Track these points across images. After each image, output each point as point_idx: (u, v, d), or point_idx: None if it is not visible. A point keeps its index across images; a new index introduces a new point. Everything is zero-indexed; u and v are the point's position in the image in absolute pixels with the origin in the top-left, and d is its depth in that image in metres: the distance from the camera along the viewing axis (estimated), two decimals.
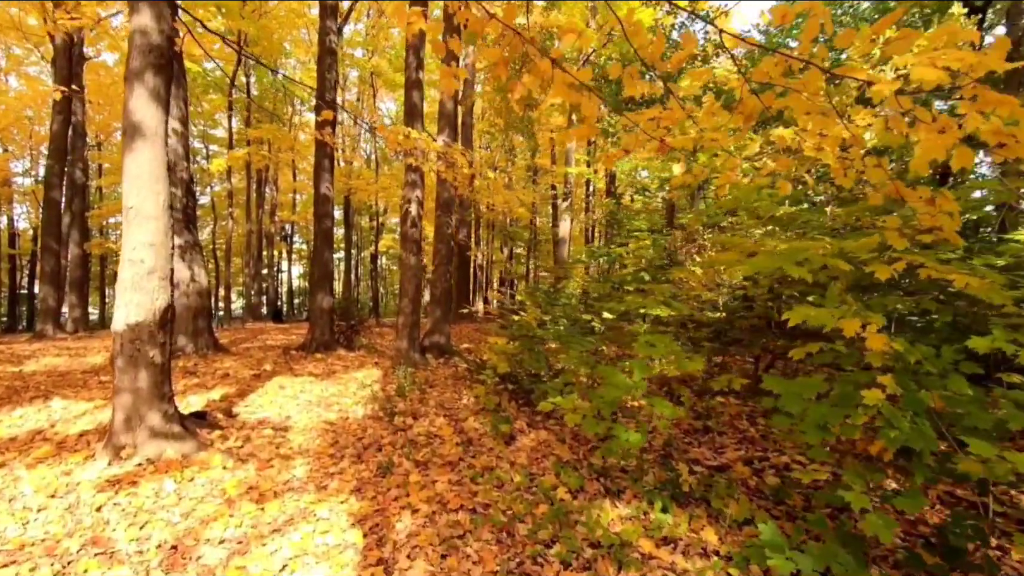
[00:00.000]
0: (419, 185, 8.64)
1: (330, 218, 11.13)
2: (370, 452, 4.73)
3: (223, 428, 5.24)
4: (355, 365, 9.27)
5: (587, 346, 5.72)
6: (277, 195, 31.22)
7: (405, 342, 8.57)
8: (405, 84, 8.96)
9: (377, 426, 5.48)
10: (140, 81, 4.34)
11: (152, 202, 4.35)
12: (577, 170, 20.48)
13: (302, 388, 7.20)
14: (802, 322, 3.03)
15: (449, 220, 10.15)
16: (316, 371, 8.57)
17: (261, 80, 26.86)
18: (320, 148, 10.90)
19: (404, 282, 8.72)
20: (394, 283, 44.68)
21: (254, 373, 8.15)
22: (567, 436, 5.04)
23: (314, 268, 11.15)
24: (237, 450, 4.69)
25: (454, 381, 7.62)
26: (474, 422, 5.42)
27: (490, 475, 4.06)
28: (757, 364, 6.83)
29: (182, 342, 10.16)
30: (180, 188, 10.09)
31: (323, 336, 10.87)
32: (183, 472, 4.06)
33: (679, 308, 5.37)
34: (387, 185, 21.26)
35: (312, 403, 6.45)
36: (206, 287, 10.47)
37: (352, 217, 26.27)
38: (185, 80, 10.42)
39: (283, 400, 6.55)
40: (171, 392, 4.56)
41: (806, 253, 3.24)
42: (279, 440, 5.03)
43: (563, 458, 4.45)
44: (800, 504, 3.66)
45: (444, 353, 9.85)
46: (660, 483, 3.77)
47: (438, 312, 10.04)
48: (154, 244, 4.35)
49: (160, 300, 4.36)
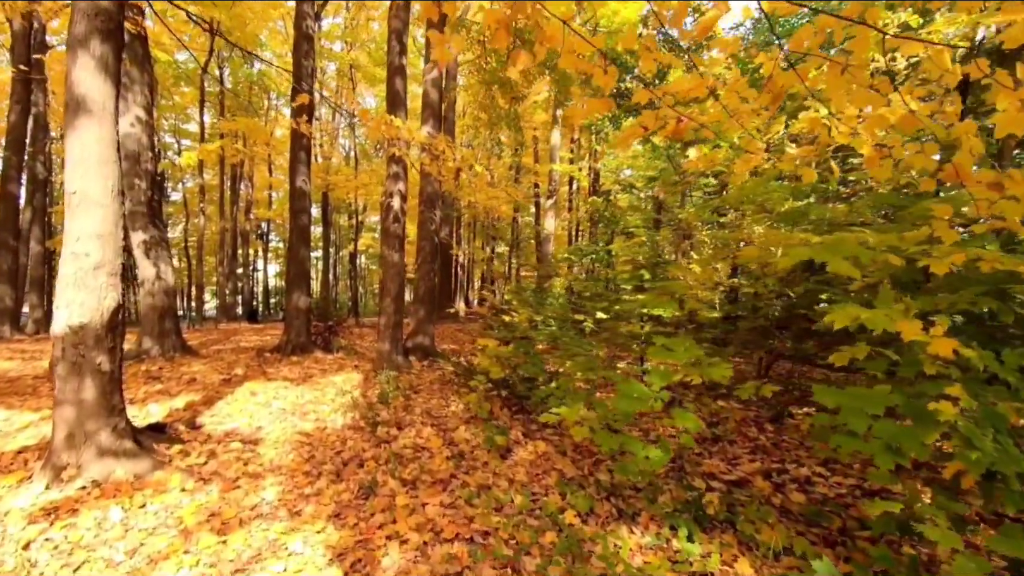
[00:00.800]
0: (402, 178, 8.14)
1: (307, 214, 10.55)
2: (351, 468, 4.24)
3: (185, 442, 4.69)
4: (333, 368, 8.73)
5: (586, 349, 5.30)
6: (252, 192, 30.31)
7: (387, 344, 8.06)
8: (387, 71, 8.45)
9: (358, 437, 4.99)
10: (85, 49, 3.79)
11: (99, 187, 3.80)
12: (562, 167, 20.11)
13: (276, 394, 6.66)
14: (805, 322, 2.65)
15: (433, 216, 9.65)
16: (291, 375, 8.02)
17: (236, 73, 25.98)
18: (296, 139, 10.31)
19: (386, 280, 8.22)
20: (373, 283, 43.85)
21: (223, 378, 7.56)
22: (568, 447, 4.61)
23: (290, 266, 10.56)
24: (199, 468, 4.16)
25: (440, 386, 7.14)
26: (465, 432, 4.95)
27: (487, 495, 3.61)
28: (760, 367, 6.49)
29: (147, 344, 9.52)
30: (145, 180, 9.45)
31: (299, 338, 10.29)
32: (134, 497, 3.53)
33: (687, 306, 4.96)
34: (367, 182, 20.58)
35: (286, 411, 5.92)
36: (173, 286, 9.83)
37: (330, 215, 25.53)
38: (150, 65, 9.76)
39: (254, 408, 6.00)
40: (122, 403, 4.01)
41: (849, 246, 2.85)
42: (248, 455, 4.51)
43: (567, 474, 4.02)
44: (838, 526, 3.27)
45: (428, 355, 9.35)
46: (679, 504, 3.36)
47: (422, 312, 9.53)
48: (101, 235, 3.80)
49: (109, 299, 3.82)
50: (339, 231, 34.77)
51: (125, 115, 9.31)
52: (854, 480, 4.20)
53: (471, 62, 14.58)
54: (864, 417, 2.23)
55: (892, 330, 2.34)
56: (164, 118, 29.41)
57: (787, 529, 3.10)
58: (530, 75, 12.83)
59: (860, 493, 3.97)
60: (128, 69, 9.23)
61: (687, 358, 3.22)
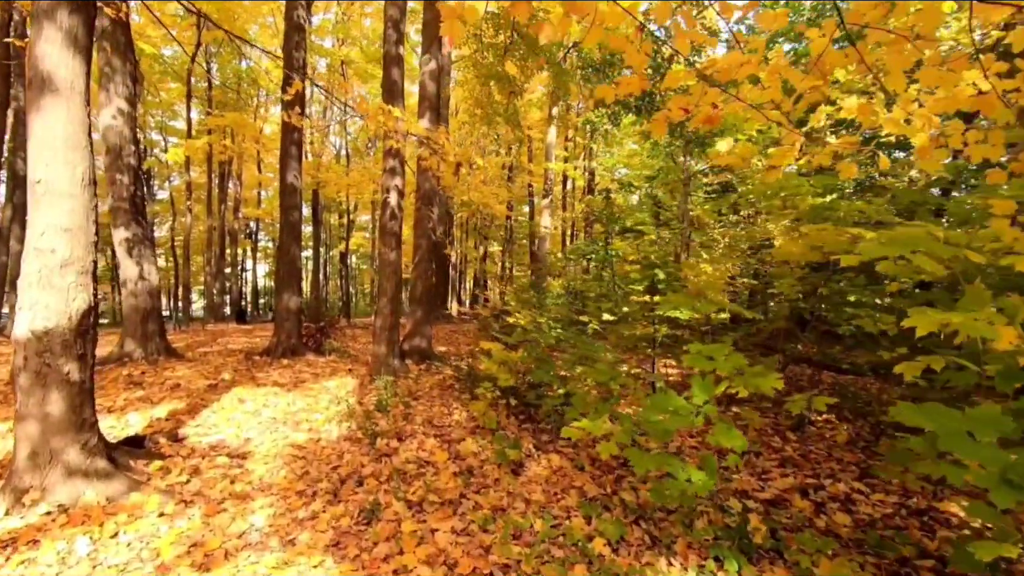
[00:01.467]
0: (399, 173, 7.74)
1: (298, 210, 10.12)
2: (349, 487, 3.85)
3: (166, 457, 4.28)
4: (326, 372, 8.32)
5: (598, 353, 4.94)
6: (241, 190, 29.77)
7: (383, 347, 7.66)
8: (384, 60, 8.06)
9: (356, 450, 4.60)
10: (51, 21, 3.38)
11: (67, 175, 3.39)
12: (559, 165, 19.79)
13: (265, 401, 6.24)
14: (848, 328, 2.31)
15: (431, 213, 9.27)
16: (282, 380, 7.60)
17: (224, 69, 25.43)
18: (287, 133, 9.89)
19: (382, 279, 7.82)
20: (365, 283, 43.29)
21: (210, 383, 7.13)
22: (585, 461, 4.25)
23: (280, 265, 10.14)
24: (181, 488, 3.76)
25: (440, 391, 6.76)
26: (472, 444, 4.58)
27: (503, 520, 3.24)
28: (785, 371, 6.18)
29: (129, 347, 9.07)
30: (127, 175, 9.00)
31: (290, 340, 9.86)
32: (105, 524, 3.13)
33: (705, 308, 4.61)
34: (358, 180, 20.08)
35: (277, 420, 5.52)
36: (157, 286, 9.37)
37: (321, 213, 25.01)
38: (133, 55, 9.30)
39: (242, 417, 5.59)
40: (93, 417, 3.60)
41: (926, 243, 2.51)
42: (235, 472, 4.11)
43: (588, 493, 3.66)
44: (897, 556, 2.93)
45: (425, 358, 8.96)
46: (719, 530, 3.01)
47: (419, 313, 9.14)
48: (70, 229, 3.39)
49: (78, 301, 3.41)
50: (330, 230, 34.24)
51: (107, 107, 8.86)
52: (896, 498, 3.88)
53: (467, 57, 14.22)
54: (966, 442, 1.88)
55: (990, 337, 2.00)
56: (151, 114, 28.82)
57: (845, 560, 2.76)
58: (528, 70, 12.48)
59: (906, 513, 3.65)
60: (110, 58, 8.79)
61: (730, 367, 2.87)
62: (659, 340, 5.48)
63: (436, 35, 8.94)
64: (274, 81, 22.33)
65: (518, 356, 4.89)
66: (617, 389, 4.21)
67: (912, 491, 3.95)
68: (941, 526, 3.42)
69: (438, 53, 8.95)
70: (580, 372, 5.17)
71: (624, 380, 4.14)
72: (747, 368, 2.87)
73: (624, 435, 3.23)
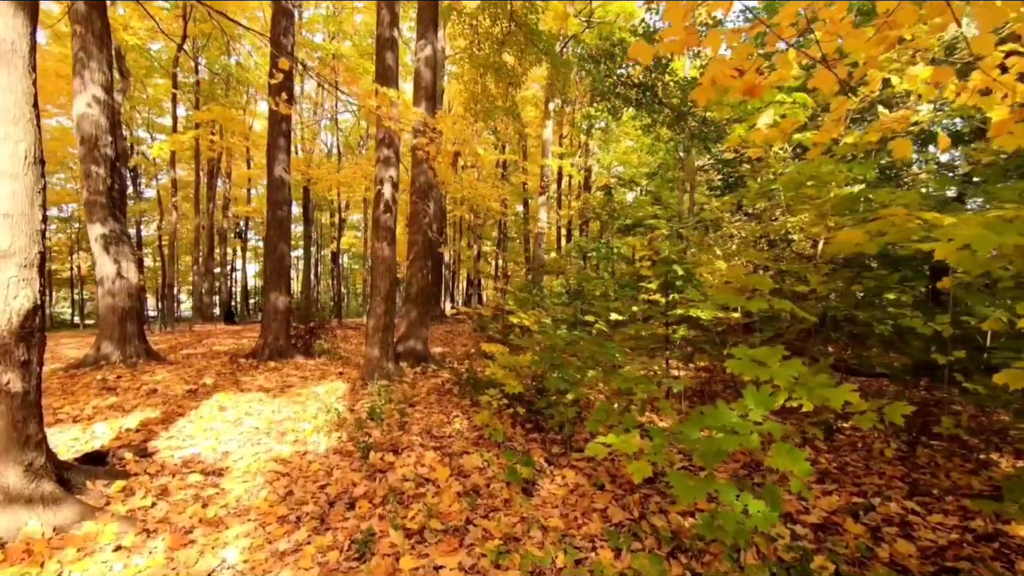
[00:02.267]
0: (394, 163, 7.26)
1: (286, 206, 9.61)
2: (339, 511, 3.38)
3: (131, 475, 3.79)
4: (315, 376, 7.83)
5: (612, 354, 4.48)
6: (230, 188, 29.17)
7: (376, 349, 7.17)
8: (376, 44, 7.56)
9: (346, 465, 4.12)
10: None
11: (6, 153, 2.90)
12: (556, 162, 19.35)
13: (248, 409, 5.75)
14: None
15: (427, 208, 8.79)
16: (268, 384, 7.10)
17: (212, 64, 24.83)
18: (274, 123, 9.38)
19: (375, 277, 7.32)
20: (356, 283, 42.66)
21: (189, 389, 6.62)
22: (604, 477, 3.79)
23: (267, 263, 9.61)
24: (145, 513, 3.27)
25: (438, 397, 6.28)
26: (476, 458, 4.11)
27: (518, 551, 2.78)
28: None
29: (106, 349, 8.55)
30: (104, 167, 8.47)
31: (277, 341, 9.35)
32: (46, 563, 2.64)
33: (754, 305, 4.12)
34: (350, 178, 19.50)
35: (260, 431, 5.03)
36: (136, 285, 8.84)
37: (312, 212, 24.48)
38: (110, 39, 8.76)
39: (222, 427, 5.10)
40: (40, 433, 3.10)
41: None
42: (209, 492, 3.63)
43: (613, 518, 3.20)
44: None
45: (421, 361, 8.48)
46: (774, 566, 2.56)
47: (414, 313, 8.65)
48: (10, 215, 2.90)
49: (20, 299, 2.92)
50: (321, 229, 33.69)
51: (81, 94, 8.32)
52: (956, 519, 3.46)
53: (463, 49, 13.73)
54: None
55: None
56: (137, 111, 28.18)
57: None
58: (526, 60, 12.03)
59: (972, 539, 3.22)
60: (85, 43, 8.25)
61: (787, 375, 2.43)
62: (676, 341, 5.04)
63: (432, 19, 8.47)
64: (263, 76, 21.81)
65: (527, 360, 4.42)
66: (643, 398, 3.76)
67: (971, 511, 3.53)
68: (1016, 554, 3.00)
69: (434, 38, 8.48)
70: (591, 377, 4.71)
71: (649, 387, 3.69)
72: (809, 377, 2.43)
73: (659, 454, 2.78)
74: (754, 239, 6.20)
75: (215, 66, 23.98)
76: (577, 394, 4.12)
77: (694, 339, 5.67)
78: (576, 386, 4.14)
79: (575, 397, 4.43)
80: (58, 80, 18.53)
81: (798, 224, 5.68)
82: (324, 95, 26.81)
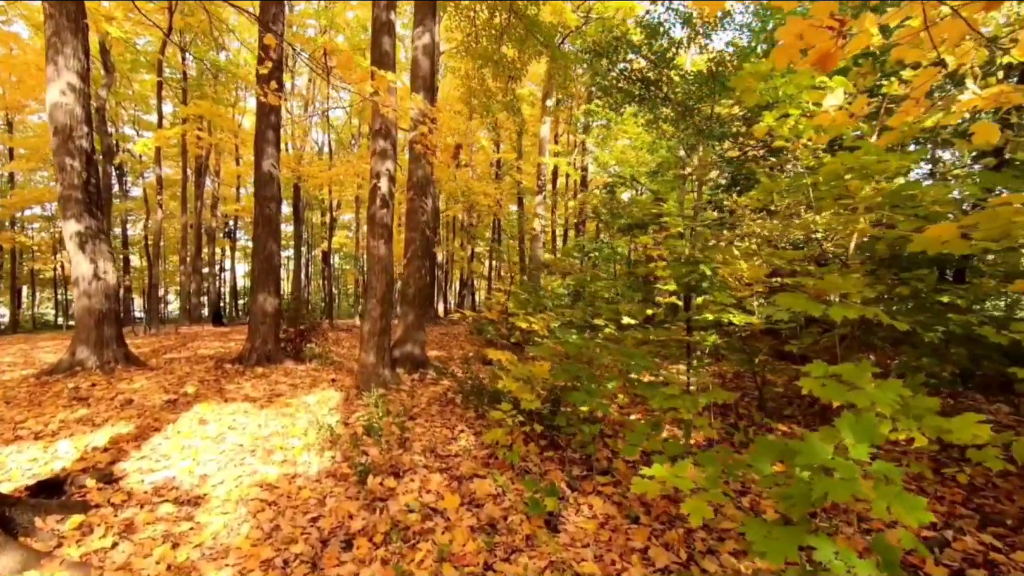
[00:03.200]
0: (391, 156, 6.77)
1: (275, 202, 9.07)
2: (333, 551, 2.88)
3: (92, 508, 3.28)
4: (306, 384, 7.31)
5: (644, 363, 4.02)
6: (219, 186, 28.54)
7: (372, 355, 6.68)
8: (372, 28, 7.08)
9: (341, 492, 3.63)
10: None
11: None
12: (553, 160, 18.88)
13: (232, 422, 5.23)
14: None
15: (424, 204, 8.29)
16: (255, 393, 6.58)
17: (200, 62, 24.19)
18: (263, 115, 8.85)
19: (371, 277, 6.83)
20: (348, 283, 41.96)
21: (169, 399, 6.09)
22: (635, 506, 3.33)
23: (255, 263, 9.06)
24: (103, 557, 2.76)
25: (440, 408, 5.80)
26: (489, 484, 3.63)
27: None
28: None
29: (82, 354, 7.99)
30: (79, 159, 7.91)
31: (266, 345, 8.81)
32: None
33: (842, 311, 3.61)
34: (341, 176, 18.88)
35: (244, 448, 4.52)
36: (114, 285, 8.29)
37: (302, 211, 23.81)
38: (85, 23, 8.20)
39: (201, 444, 4.58)
40: None
41: None
42: (182, 528, 3.12)
43: (655, 560, 2.73)
44: None
45: (419, 367, 7.98)
46: None
47: (411, 316, 8.15)
48: None
49: None
50: (312, 229, 33.02)
51: (54, 81, 7.77)
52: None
53: (460, 43, 13.24)
54: None
55: None
56: (123, 107, 27.51)
57: None
58: (526, 53, 11.56)
59: None
60: (58, 27, 7.70)
61: (890, 399, 1.97)
62: (705, 348, 4.59)
63: (431, 5, 7.98)
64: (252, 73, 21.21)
65: (544, 371, 3.94)
66: (689, 418, 3.29)
67: None
68: None
69: (432, 25, 8.00)
70: (612, 388, 4.25)
71: (685, 402, 3.22)
72: (918, 402, 1.97)
73: (716, 489, 2.32)
74: (773, 238, 5.76)
75: (205, 59, 23.37)
76: (599, 408, 3.65)
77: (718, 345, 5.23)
78: (597, 398, 3.66)
79: (591, 410, 3.97)
80: (39, 74, 17.87)
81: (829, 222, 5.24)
82: (315, 91, 26.25)
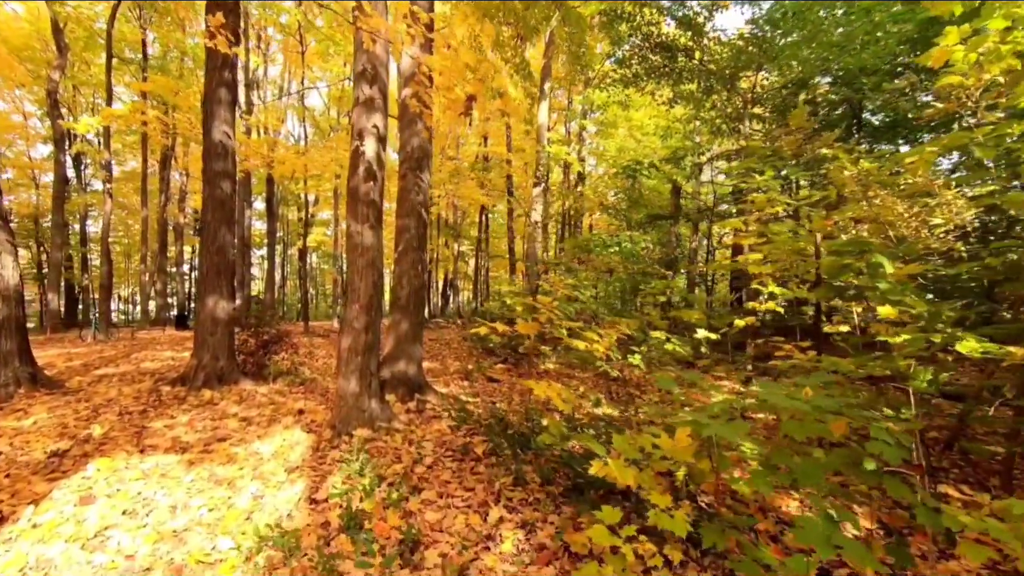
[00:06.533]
0: (380, 108, 4.94)
1: (230, 179, 7.11)
2: None
3: None
4: (264, 418, 5.44)
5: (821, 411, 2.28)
6: (188, 180, 26.31)
7: (353, 381, 4.84)
8: None
9: None
10: None
11: None
12: (555, 149, 17.09)
13: (135, 498, 3.36)
14: None
15: (420, 182, 6.46)
16: (188, 437, 4.69)
17: (164, 42, 22.02)
18: (213, 69, 6.92)
19: (352, 275, 5.00)
20: (325, 283, 39.56)
21: (57, 448, 4.19)
22: None
23: (204, 258, 7.06)
24: None
25: (455, 461, 3.99)
26: None
27: None
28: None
29: None
30: None
31: (216, 362, 6.83)
32: None
33: None
34: (319, 165, 16.69)
35: (132, 569, 2.68)
36: (15, 287, 6.34)
37: (276, 207, 21.66)
38: None
39: (61, 556, 2.72)
40: None
41: None
42: None
43: None
44: None
45: (414, 391, 6.12)
46: None
47: (404, 325, 6.30)
48: None
49: None
50: (287, 226, 30.82)
51: None
52: None
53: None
54: None
55: None
56: (80, 93, 25.21)
57: None
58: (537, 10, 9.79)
59: None
60: None
61: None
62: (919, 392, 2.86)
63: None
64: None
65: (686, 449, 2.15)
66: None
67: None
68: None
69: None
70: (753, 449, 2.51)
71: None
72: None
73: None
74: (918, 223, 4.10)
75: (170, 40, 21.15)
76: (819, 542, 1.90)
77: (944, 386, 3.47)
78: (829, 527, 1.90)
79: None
80: None
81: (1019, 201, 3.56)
82: (289, 77, 24.22)
